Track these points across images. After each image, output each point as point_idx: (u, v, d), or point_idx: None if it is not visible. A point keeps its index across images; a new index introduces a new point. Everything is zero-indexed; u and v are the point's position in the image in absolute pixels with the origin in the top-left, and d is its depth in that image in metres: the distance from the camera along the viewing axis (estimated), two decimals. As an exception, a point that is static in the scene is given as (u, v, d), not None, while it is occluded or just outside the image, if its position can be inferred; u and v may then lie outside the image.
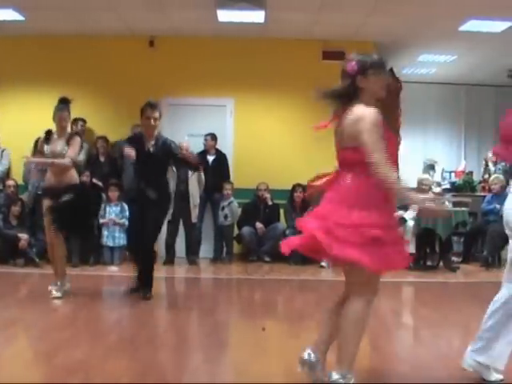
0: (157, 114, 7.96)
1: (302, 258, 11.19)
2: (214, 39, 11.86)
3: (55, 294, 7.72)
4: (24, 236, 10.39)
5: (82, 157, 11.69)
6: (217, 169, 11.55)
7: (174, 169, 11.10)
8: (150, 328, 6.58)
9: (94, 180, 11.10)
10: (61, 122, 7.94)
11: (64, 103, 7.98)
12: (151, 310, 7.46)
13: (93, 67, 12.01)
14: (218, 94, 12.08)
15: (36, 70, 12.02)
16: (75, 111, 11.87)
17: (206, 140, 11.68)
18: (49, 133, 7.98)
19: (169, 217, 11.14)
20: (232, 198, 11.55)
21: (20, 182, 11.40)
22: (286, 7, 10.16)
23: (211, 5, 9.97)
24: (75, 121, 11.37)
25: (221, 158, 11.75)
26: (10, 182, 11.11)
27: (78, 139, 8.01)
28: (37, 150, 11.38)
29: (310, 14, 10.52)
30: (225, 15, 10.49)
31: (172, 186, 11.05)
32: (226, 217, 11.51)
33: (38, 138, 11.34)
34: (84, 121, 11.88)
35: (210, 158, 11.68)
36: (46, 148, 7.91)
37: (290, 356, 5.35)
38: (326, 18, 10.72)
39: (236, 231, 11.78)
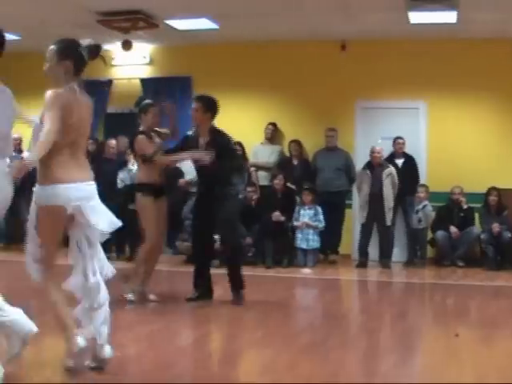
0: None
1: (496, 264, 10.90)
2: (405, 41, 11.73)
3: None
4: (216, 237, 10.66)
5: (273, 160, 11.99)
6: (406, 172, 11.40)
7: (369, 172, 11.12)
8: (342, 330, 6.65)
9: (288, 184, 11.31)
10: None
11: None
12: (342, 313, 7.53)
13: (284, 72, 12.27)
14: (410, 96, 11.94)
15: (229, 76, 12.43)
16: (267, 115, 12.29)
17: (398, 143, 11.58)
18: None
19: (363, 219, 11.23)
20: (426, 202, 11.38)
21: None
22: (479, 7, 9.90)
23: (402, 7, 9.90)
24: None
25: (410, 161, 11.61)
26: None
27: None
28: None
29: (504, 13, 10.19)
30: (417, 17, 10.37)
31: (366, 189, 11.11)
32: (419, 220, 11.36)
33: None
34: (275, 124, 12.16)
35: (399, 162, 11.55)
36: None
37: (483, 364, 5.27)
38: (520, 17, 10.35)
39: (430, 235, 11.61)
